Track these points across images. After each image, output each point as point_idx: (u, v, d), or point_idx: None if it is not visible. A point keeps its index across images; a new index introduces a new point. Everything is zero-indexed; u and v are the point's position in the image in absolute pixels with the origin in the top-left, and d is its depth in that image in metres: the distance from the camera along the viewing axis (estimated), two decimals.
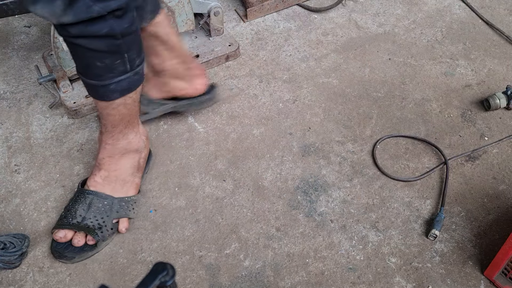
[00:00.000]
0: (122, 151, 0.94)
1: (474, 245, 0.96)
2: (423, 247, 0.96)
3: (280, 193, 1.04)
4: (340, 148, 1.12)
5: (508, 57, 1.33)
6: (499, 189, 1.05)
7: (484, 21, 1.42)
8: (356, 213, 1.01)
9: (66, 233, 0.92)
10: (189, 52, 1.24)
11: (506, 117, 1.19)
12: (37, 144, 1.11)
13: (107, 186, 0.95)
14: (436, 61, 1.31)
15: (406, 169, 1.08)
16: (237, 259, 0.94)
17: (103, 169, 0.95)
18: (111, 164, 0.95)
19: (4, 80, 1.25)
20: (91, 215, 0.93)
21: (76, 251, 0.92)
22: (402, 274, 0.92)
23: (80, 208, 0.93)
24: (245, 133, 1.14)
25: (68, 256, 0.92)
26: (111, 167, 0.95)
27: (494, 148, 1.13)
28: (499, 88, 1.24)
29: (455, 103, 1.22)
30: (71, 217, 0.93)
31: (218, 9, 1.26)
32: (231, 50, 1.29)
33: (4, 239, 0.90)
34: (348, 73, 1.28)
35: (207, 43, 1.30)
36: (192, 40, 1.31)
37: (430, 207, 1.02)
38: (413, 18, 1.43)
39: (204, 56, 1.27)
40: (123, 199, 0.96)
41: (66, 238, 0.92)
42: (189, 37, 1.31)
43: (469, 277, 0.92)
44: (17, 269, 0.91)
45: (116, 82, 0.83)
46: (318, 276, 0.92)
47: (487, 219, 1.00)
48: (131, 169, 0.97)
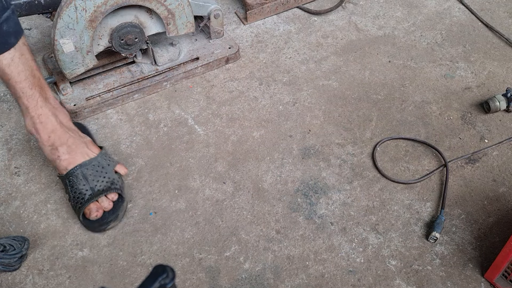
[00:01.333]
0: (55, 115, 0.93)
1: (474, 247, 0.96)
2: (423, 250, 0.96)
3: (280, 195, 1.04)
4: (340, 150, 1.12)
5: (508, 60, 1.33)
6: (499, 192, 1.05)
7: (484, 24, 1.42)
8: (356, 216, 1.01)
9: (94, 206, 0.94)
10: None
11: (506, 120, 1.19)
12: (37, 147, 1.11)
13: (78, 155, 0.95)
14: (436, 64, 1.32)
15: (406, 171, 1.08)
16: (237, 262, 0.94)
17: (59, 145, 0.94)
18: (60, 135, 0.94)
19: None
20: (95, 181, 0.95)
21: (112, 212, 0.95)
22: (402, 276, 0.92)
23: (81, 185, 0.94)
24: (245, 135, 1.14)
25: (112, 218, 0.95)
26: (63, 138, 0.94)
27: (494, 150, 1.13)
28: (499, 90, 1.24)
29: (455, 106, 1.22)
30: (83, 197, 0.94)
31: (218, 11, 1.25)
32: (231, 52, 1.29)
33: (4, 242, 0.90)
34: (348, 75, 1.28)
35: (207, 46, 1.30)
36: (192, 43, 1.30)
37: (430, 210, 1.02)
38: (413, 20, 1.43)
39: (204, 58, 1.27)
40: (102, 153, 0.98)
41: (98, 211, 0.94)
42: (189, 40, 1.31)
43: (470, 279, 0.92)
44: (16, 272, 0.91)
45: (4, 21, 0.82)
46: (318, 279, 0.92)
47: (488, 222, 1.00)
48: (76, 130, 0.98)
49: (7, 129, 1.15)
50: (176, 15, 1.15)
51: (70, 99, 1.17)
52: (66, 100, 1.16)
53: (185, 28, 1.20)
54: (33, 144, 1.11)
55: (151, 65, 1.24)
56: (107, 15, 1.06)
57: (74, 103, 1.16)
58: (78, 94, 1.18)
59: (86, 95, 1.17)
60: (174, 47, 1.25)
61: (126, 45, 1.13)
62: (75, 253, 0.94)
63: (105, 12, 1.05)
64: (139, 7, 1.10)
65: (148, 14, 1.13)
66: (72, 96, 1.17)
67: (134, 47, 1.15)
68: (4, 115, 1.18)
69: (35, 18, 1.43)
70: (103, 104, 1.17)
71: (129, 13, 1.10)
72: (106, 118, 1.17)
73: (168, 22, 1.15)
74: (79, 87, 1.19)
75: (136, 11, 1.11)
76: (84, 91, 1.18)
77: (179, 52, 1.26)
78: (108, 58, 1.20)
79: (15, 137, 1.13)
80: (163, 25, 1.16)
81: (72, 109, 1.15)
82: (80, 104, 1.16)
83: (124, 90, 1.19)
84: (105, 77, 1.21)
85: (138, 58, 1.24)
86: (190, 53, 1.27)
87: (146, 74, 1.22)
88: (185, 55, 1.27)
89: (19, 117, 1.17)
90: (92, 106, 1.16)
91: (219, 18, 1.26)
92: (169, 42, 1.25)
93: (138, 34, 1.13)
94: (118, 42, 1.12)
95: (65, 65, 1.10)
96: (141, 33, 1.14)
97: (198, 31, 1.30)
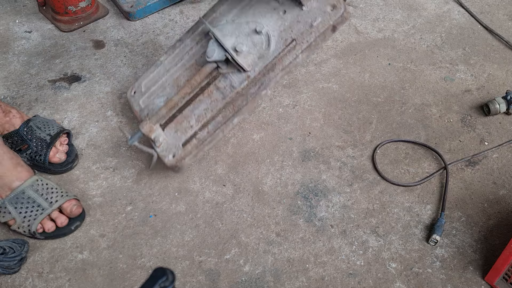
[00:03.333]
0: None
1: (474, 250, 0.96)
2: (424, 252, 0.96)
3: (280, 198, 1.04)
4: (340, 153, 1.12)
5: (507, 62, 1.33)
6: (499, 194, 1.05)
7: (484, 27, 1.42)
8: (356, 218, 1.00)
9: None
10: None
11: (506, 122, 1.19)
12: None
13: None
14: (435, 66, 1.32)
15: (406, 174, 1.08)
16: (237, 265, 0.94)
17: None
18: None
19: (5, 85, 1.25)
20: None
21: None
22: (402, 279, 0.92)
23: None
24: (245, 138, 1.14)
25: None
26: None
27: (494, 153, 1.13)
28: (499, 93, 1.25)
29: (455, 108, 1.22)
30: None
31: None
32: (336, 15, 0.91)
33: (4, 244, 0.90)
34: (348, 78, 1.28)
35: (301, 17, 0.94)
36: (281, 18, 0.95)
37: (431, 212, 1.02)
38: (413, 23, 1.44)
39: (302, 39, 0.93)
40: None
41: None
42: (276, 15, 0.95)
43: (470, 282, 0.92)
44: (16, 274, 0.91)
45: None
46: (318, 282, 0.92)
47: (488, 224, 1.00)
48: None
49: None
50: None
51: (166, 151, 0.98)
52: (163, 153, 0.98)
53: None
54: None
55: (240, 73, 0.97)
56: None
57: (172, 154, 0.98)
58: (173, 141, 0.99)
59: (181, 139, 0.99)
60: (260, 34, 0.94)
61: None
62: (75, 255, 0.94)
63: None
64: None
65: None
66: (167, 145, 0.98)
67: None
68: None
69: (36, 21, 1.44)
70: (202, 145, 0.98)
71: None
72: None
73: None
74: (171, 130, 1.00)
75: None
76: (177, 134, 0.99)
77: (269, 40, 0.95)
78: (189, 86, 0.98)
79: None
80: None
81: (172, 163, 0.97)
82: (179, 155, 0.97)
83: (220, 120, 0.97)
84: (195, 106, 0.99)
85: (223, 68, 0.97)
86: (282, 37, 0.95)
87: (237, 87, 0.97)
88: (277, 42, 0.95)
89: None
90: (192, 153, 0.97)
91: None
92: (251, 29, 0.95)
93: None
94: None
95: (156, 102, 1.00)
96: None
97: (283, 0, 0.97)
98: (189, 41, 1.06)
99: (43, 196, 0.94)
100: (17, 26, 1.42)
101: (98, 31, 1.41)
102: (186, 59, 1.05)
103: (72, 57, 1.33)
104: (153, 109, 1.04)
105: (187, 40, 1.07)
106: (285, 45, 0.94)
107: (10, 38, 1.39)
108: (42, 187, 0.95)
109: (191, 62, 1.04)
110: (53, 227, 0.94)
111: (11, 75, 1.28)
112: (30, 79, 1.27)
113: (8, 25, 1.43)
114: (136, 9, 1.44)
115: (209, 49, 0.94)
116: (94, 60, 1.33)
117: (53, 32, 1.41)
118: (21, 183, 0.94)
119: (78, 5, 1.40)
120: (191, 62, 1.04)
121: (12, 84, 1.25)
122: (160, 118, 0.98)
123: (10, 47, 1.36)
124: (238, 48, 0.93)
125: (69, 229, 0.96)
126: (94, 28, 1.43)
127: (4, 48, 1.35)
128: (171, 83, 1.04)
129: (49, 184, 0.97)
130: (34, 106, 1.20)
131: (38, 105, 1.20)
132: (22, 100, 1.21)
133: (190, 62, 1.04)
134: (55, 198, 0.95)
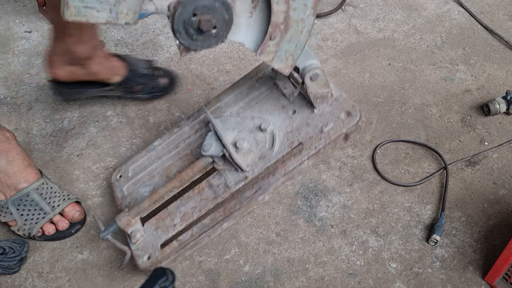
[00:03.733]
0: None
1: (474, 250, 0.96)
2: (424, 252, 0.96)
3: (280, 198, 1.04)
4: (340, 153, 1.12)
5: (507, 62, 1.33)
6: (499, 194, 1.05)
7: (484, 26, 1.42)
8: (356, 218, 1.00)
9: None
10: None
11: (506, 122, 1.19)
12: (37, 149, 1.11)
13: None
14: (435, 66, 1.32)
15: (406, 174, 1.08)
16: (237, 265, 0.94)
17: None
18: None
19: (5, 85, 1.25)
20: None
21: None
22: (402, 279, 0.92)
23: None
24: None
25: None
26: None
27: (494, 153, 1.13)
28: (499, 93, 1.25)
29: (455, 108, 1.22)
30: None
31: (316, 70, 0.82)
32: (351, 123, 0.84)
33: (4, 244, 0.90)
34: (348, 78, 1.28)
35: (311, 120, 0.87)
36: (289, 118, 0.88)
37: (431, 212, 1.02)
38: (413, 23, 1.44)
39: (310, 144, 0.85)
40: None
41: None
42: (284, 114, 0.89)
43: (470, 282, 0.92)
44: (16, 275, 0.91)
45: None
46: (318, 282, 0.92)
47: (488, 224, 1.00)
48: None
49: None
50: (289, 30, 0.74)
51: (142, 250, 0.86)
52: (137, 252, 0.86)
53: (282, 62, 0.78)
54: (33, 147, 1.11)
55: (237, 172, 0.87)
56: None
57: (148, 255, 0.86)
58: (151, 239, 0.87)
59: (160, 239, 0.86)
60: (265, 132, 0.87)
61: (194, 31, 0.70)
62: (75, 255, 0.94)
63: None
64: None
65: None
66: (144, 243, 0.87)
67: (202, 41, 0.71)
68: (4, 118, 1.18)
69: (36, 21, 1.44)
70: (182, 249, 0.86)
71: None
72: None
73: (273, 33, 0.74)
74: (151, 226, 0.88)
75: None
76: (157, 232, 0.87)
77: (273, 140, 0.87)
78: (178, 179, 0.87)
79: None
80: (260, 33, 0.75)
81: (145, 266, 0.85)
82: (155, 258, 0.85)
83: (206, 223, 0.86)
84: (182, 202, 0.89)
85: (219, 164, 0.87)
86: (288, 138, 0.87)
87: (232, 187, 0.86)
88: (282, 143, 0.87)
89: (19, 119, 1.17)
90: (170, 257, 0.85)
91: (319, 78, 0.83)
92: (256, 125, 0.88)
93: (221, 21, 0.70)
94: (186, 21, 0.68)
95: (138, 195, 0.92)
96: (226, 22, 0.71)
97: (294, 98, 0.91)
98: (187, 129, 0.98)
99: (46, 200, 0.94)
100: (17, 26, 1.42)
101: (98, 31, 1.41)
102: (182, 147, 0.95)
103: None
104: (137, 199, 0.92)
105: (186, 127, 0.98)
106: (291, 147, 0.86)
107: (10, 38, 1.39)
108: (46, 190, 0.95)
109: (186, 151, 0.94)
110: (53, 230, 0.94)
111: (11, 75, 1.28)
112: (30, 79, 1.27)
113: (8, 25, 1.43)
114: None
115: (206, 142, 0.86)
116: None
117: None
118: (28, 185, 0.93)
119: None
120: (186, 151, 0.94)
121: (12, 84, 1.25)
122: (141, 211, 0.87)
123: (10, 47, 1.36)
124: (239, 144, 0.85)
125: (69, 232, 0.96)
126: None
127: (4, 48, 1.35)
128: (160, 172, 0.94)
129: (53, 188, 0.96)
130: (34, 106, 1.20)
131: (38, 105, 1.20)
132: (22, 100, 1.21)
133: (185, 151, 0.94)
134: (57, 202, 0.95)
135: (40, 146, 1.12)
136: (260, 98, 0.94)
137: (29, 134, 1.14)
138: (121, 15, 0.63)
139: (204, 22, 0.67)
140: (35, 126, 1.16)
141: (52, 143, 1.13)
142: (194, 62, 1.32)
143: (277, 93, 0.93)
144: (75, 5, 0.61)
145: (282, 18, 0.72)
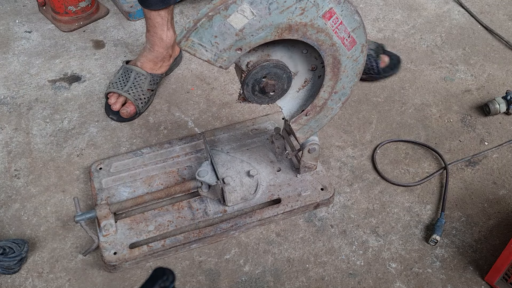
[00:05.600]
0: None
1: (474, 250, 0.96)
2: (424, 252, 0.96)
3: None
4: (340, 153, 1.12)
5: (507, 62, 1.33)
6: (499, 194, 1.05)
7: (484, 27, 1.42)
8: (356, 218, 1.00)
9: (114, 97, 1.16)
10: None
11: (506, 122, 1.19)
12: (37, 149, 1.11)
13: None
14: (435, 66, 1.32)
15: (406, 174, 1.08)
16: (237, 265, 0.94)
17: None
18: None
19: (5, 85, 1.25)
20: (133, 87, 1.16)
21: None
22: (402, 279, 0.92)
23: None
24: None
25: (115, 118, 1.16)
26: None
27: (494, 153, 1.13)
28: (499, 93, 1.25)
29: (455, 108, 1.22)
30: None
31: (314, 145, 0.95)
32: (324, 197, 0.99)
33: (4, 244, 0.90)
34: None
35: (293, 182, 1.00)
36: (274, 174, 1.01)
37: (430, 212, 1.02)
38: (413, 23, 1.44)
39: (287, 202, 0.98)
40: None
41: (117, 102, 1.15)
42: (271, 169, 1.02)
43: (470, 282, 0.92)
44: (16, 275, 0.91)
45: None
46: (318, 282, 0.92)
47: (488, 224, 1.00)
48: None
49: (7, 132, 1.15)
50: (320, 113, 0.87)
51: (110, 244, 0.91)
52: (106, 245, 0.91)
53: (303, 134, 0.91)
54: (33, 147, 1.12)
55: (218, 204, 0.97)
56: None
57: (115, 250, 0.90)
58: (122, 237, 0.92)
59: (131, 239, 0.92)
60: (252, 178, 0.97)
61: (258, 89, 0.82)
62: (75, 255, 0.94)
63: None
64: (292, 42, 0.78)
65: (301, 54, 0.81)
66: (114, 239, 0.92)
67: (259, 98, 0.83)
68: (4, 118, 1.18)
69: (36, 21, 1.44)
70: (150, 256, 0.91)
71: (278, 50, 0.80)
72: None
73: (309, 111, 0.86)
74: (125, 225, 0.94)
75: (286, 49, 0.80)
76: (130, 232, 0.93)
77: (257, 188, 0.98)
78: (166, 192, 0.95)
79: (15, 140, 1.13)
80: (297, 106, 0.89)
81: (110, 260, 0.89)
82: (122, 255, 0.90)
83: (180, 239, 0.92)
84: (159, 213, 0.96)
85: (204, 191, 0.97)
86: (270, 190, 0.99)
87: (210, 216, 0.95)
88: (264, 192, 0.99)
89: (19, 120, 1.17)
90: (136, 258, 0.90)
91: (314, 152, 0.97)
92: (245, 171, 0.98)
93: (280, 88, 0.83)
94: (257, 79, 0.80)
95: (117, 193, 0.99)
96: (283, 90, 0.84)
97: (282, 158, 1.04)
98: (178, 148, 1.08)
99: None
100: (17, 26, 1.42)
101: (98, 31, 1.41)
102: (169, 163, 1.04)
103: (72, 57, 1.33)
104: (114, 195, 0.98)
105: (177, 146, 1.08)
106: (270, 199, 0.98)
107: (10, 38, 1.39)
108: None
109: (173, 168, 1.03)
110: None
111: (11, 75, 1.28)
112: (30, 79, 1.27)
113: (8, 25, 1.43)
114: (136, 9, 1.44)
115: (202, 169, 0.95)
116: (94, 60, 1.33)
117: (53, 32, 1.41)
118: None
119: (78, 5, 1.40)
120: (173, 168, 1.03)
121: (12, 84, 1.26)
122: (122, 209, 0.93)
123: (10, 47, 1.36)
124: (226, 180, 0.94)
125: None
126: (94, 28, 1.43)
127: (4, 48, 1.35)
128: (143, 179, 1.02)
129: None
130: (34, 106, 1.20)
131: (38, 105, 1.20)
132: (22, 100, 1.21)
133: (171, 168, 1.03)
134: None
135: (40, 146, 1.12)
136: (252, 146, 1.07)
137: (29, 134, 1.14)
138: (220, 59, 0.74)
139: (269, 85, 0.81)
140: (35, 126, 1.16)
141: (52, 143, 1.13)
142: (194, 62, 1.32)
143: (268, 148, 1.06)
144: (193, 40, 0.70)
145: (321, 103, 0.86)
